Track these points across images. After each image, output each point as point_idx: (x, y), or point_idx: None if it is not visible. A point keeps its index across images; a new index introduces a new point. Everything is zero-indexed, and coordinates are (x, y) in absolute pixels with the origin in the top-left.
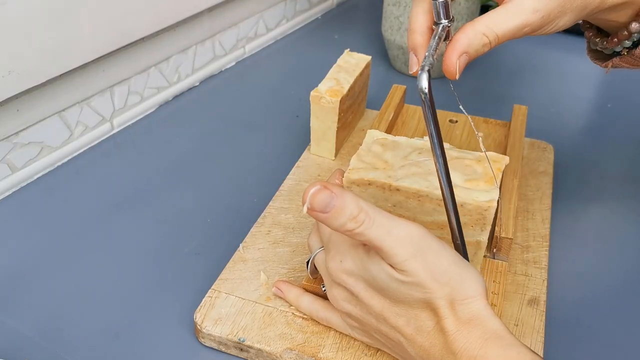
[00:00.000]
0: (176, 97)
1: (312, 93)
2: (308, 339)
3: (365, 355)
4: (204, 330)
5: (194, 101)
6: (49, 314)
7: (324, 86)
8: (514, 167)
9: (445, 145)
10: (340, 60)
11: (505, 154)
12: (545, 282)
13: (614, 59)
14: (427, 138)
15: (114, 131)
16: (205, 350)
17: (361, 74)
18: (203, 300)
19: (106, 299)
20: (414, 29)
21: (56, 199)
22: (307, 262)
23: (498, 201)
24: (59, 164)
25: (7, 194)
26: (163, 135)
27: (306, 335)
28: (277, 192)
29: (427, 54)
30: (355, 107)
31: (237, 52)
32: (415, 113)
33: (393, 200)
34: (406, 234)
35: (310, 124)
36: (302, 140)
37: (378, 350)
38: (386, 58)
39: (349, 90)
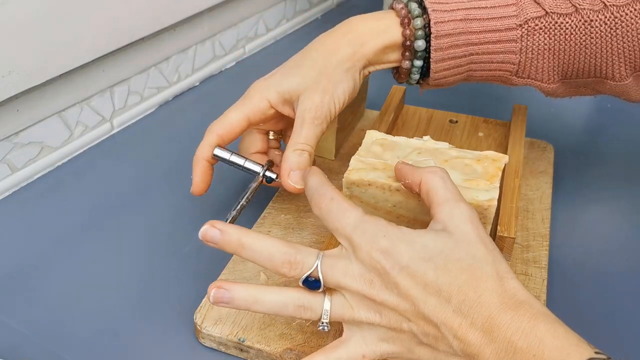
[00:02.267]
0: (176, 97)
1: None
2: (308, 339)
3: None
4: (204, 331)
5: (194, 101)
6: (49, 314)
7: None
8: (515, 167)
9: (445, 144)
10: None
11: (505, 154)
12: (545, 281)
13: (421, 85)
14: (426, 138)
15: (114, 131)
16: (205, 351)
17: None
18: (203, 300)
19: (106, 299)
20: (200, 156)
21: (56, 199)
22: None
23: (498, 200)
24: (59, 164)
25: (7, 194)
26: (163, 135)
27: (306, 335)
28: (277, 193)
29: (233, 211)
30: (354, 107)
31: (237, 52)
32: (415, 114)
33: (393, 201)
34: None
35: None
36: None
37: None
38: None
39: None
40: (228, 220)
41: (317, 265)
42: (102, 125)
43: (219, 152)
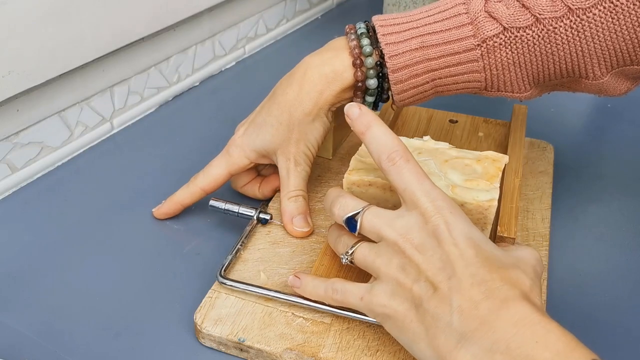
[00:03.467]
0: (176, 97)
1: None
2: (308, 339)
3: (365, 355)
4: (204, 331)
5: (194, 101)
6: (49, 314)
7: None
8: (514, 167)
9: (445, 144)
10: None
11: (505, 154)
12: (545, 281)
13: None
14: (426, 138)
15: (114, 131)
16: (205, 351)
17: None
18: (203, 300)
19: (106, 299)
20: (178, 201)
21: (56, 199)
22: (348, 219)
23: (499, 200)
24: (59, 164)
25: (7, 194)
26: (163, 135)
27: (306, 335)
28: (277, 193)
29: (229, 255)
30: None
31: (237, 52)
32: (415, 114)
33: (393, 201)
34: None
35: None
36: None
37: (378, 349)
38: None
39: None
40: (225, 266)
41: (363, 208)
42: (102, 125)
43: (215, 203)
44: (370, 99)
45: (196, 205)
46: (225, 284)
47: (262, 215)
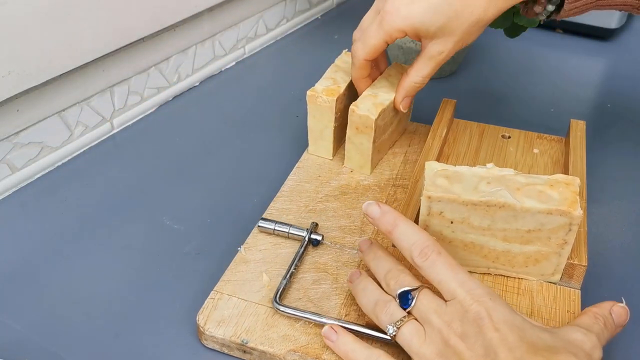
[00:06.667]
0: (176, 97)
1: (309, 92)
2: (311, 341)
3: None
4: (207, 332)
5: (194, 101)
6: (49, 314)
7: (320, 86)
8: (580, 189)
9: (510, 170)
10: (338, 61)
11: (564, 173)
12: None
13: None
14: (490, 165)
15: (114, 131)
16: (208, 352)
17: None
18: (205, 302)
19: (106, 300)
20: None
21: (56, 199)
22: (404, 293)
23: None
24: (59, 164)
25: (7, 194)
26: (163, 135)
27: (309, 336)
28: (278, 193)
29: (284, 280)
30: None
31: (237, 52)
32: (467, 128)
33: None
34: None
35: (308, 124)
36: (302, 140)
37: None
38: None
39: (345, 89)
40: (279, 291)
41: (419, 288)
42: (102, 125)
43: (264, 224)
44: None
45: (196, 205)
46: (279, 309)
47: (313, 236)
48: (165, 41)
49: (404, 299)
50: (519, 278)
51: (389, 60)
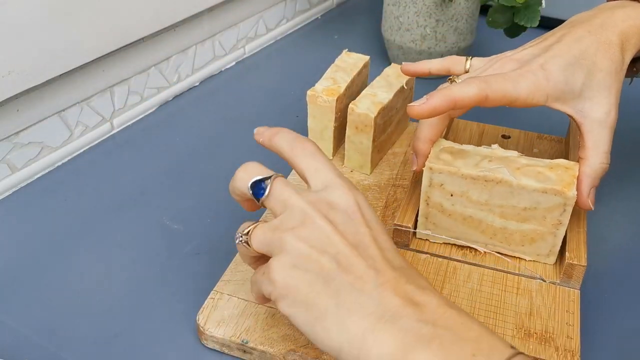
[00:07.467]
0: (176, 97)
1: (309, 92)
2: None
3: None
4: (207, 332)
5: (194, 101)
6: (49, 314)
7: (320, 86)
8: None
9: (514, 152)
10: (338, 60)
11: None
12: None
13: None
14: (495, 146)
15: (114, 131)
16: (208, 352)
17: (359, 73)
18: (205, 302)
19: (106, 300)
20: (419, 137)
21: (56, 199)
22: (256, 183)
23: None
24: (59, 164)
25: (7, 194)
26: (163, 135)
27: None
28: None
29: None
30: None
31: (237, 52)
32: (466, 128)
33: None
34: None
35: (308, 124)
36: None
37: None
38: (386, 58)
39: (345, 89)
40: None
41: (272, 177)
42: (102, 125)
43: None
44: None
45: (196, 205)
46: None
47: None
48: (165, 41)
49: (257, 188)
50: (518, 276)
51: (389, 61)
